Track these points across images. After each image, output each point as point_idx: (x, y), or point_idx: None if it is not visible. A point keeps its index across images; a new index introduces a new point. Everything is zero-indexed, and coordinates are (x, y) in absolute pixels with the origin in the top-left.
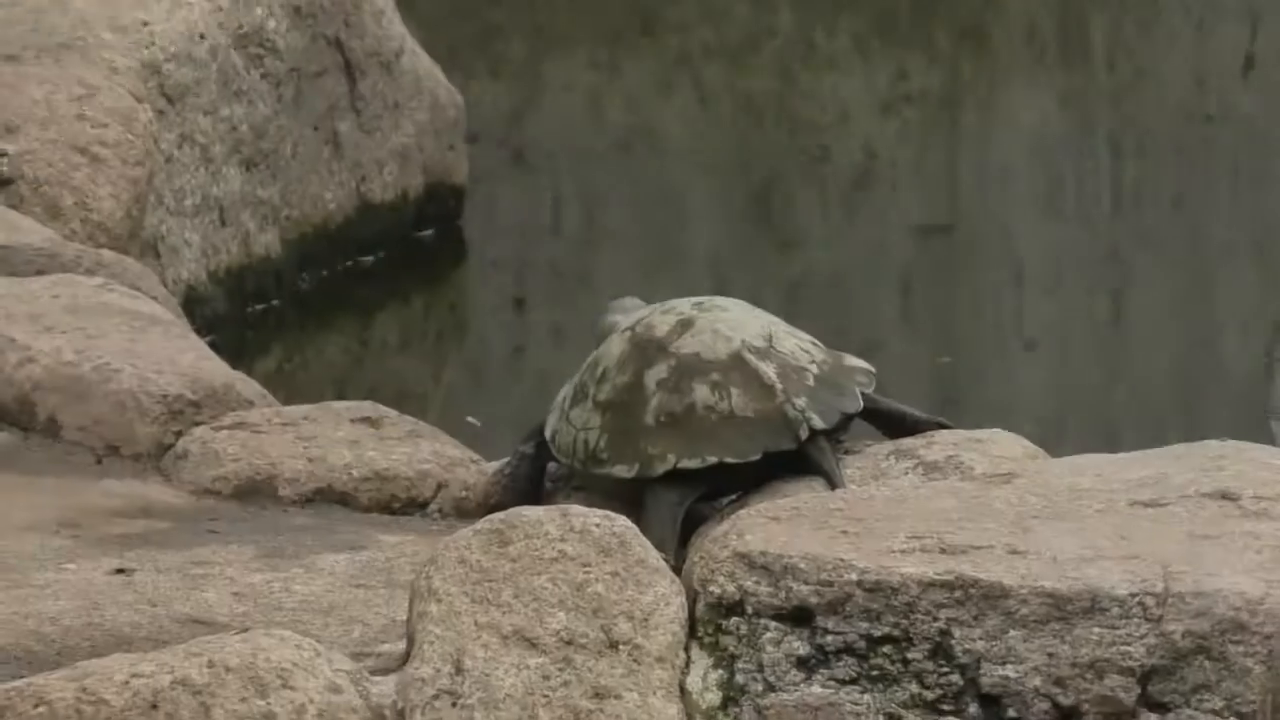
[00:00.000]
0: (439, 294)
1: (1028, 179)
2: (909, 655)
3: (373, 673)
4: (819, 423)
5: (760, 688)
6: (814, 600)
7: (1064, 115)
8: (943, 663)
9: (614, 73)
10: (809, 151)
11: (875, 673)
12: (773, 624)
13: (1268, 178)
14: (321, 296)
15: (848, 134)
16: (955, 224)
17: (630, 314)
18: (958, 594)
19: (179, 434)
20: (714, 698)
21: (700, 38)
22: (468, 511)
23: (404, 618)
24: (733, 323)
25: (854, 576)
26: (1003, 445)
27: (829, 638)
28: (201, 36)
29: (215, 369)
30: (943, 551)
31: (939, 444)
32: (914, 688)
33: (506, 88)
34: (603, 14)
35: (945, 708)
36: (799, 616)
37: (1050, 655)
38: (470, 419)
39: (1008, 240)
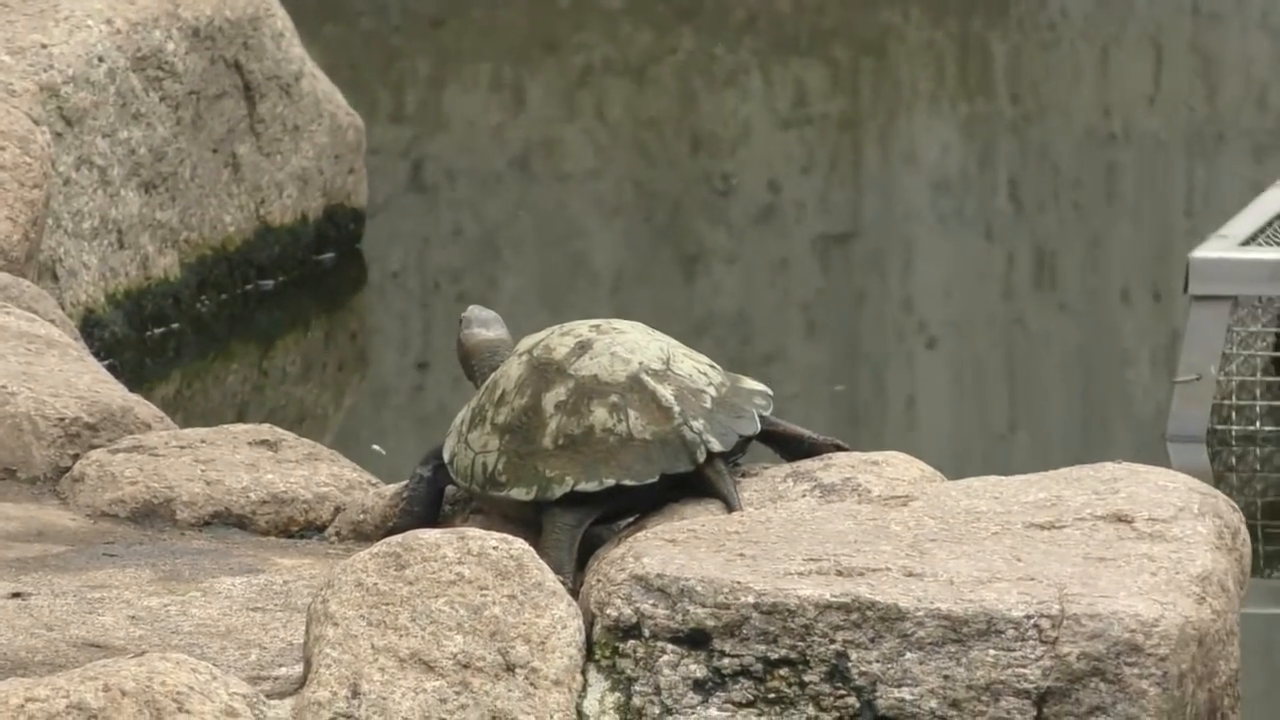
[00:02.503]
0: (339, 317)
1: (929, 192)
2: (806, 678)
3: (270, 696)
4: (716, 445)
5: (657, 711)
6: (711, 623)
7: (964, 127)
8: (839, 685)
9: (515, 91)
10: (712, 180)
11: (772, 695)
12: (670, 647)
13: (1169, 198)
14: (221, 320)
15: (748, 152)
16: (855, 235)
17: (491, 325)
18: (854, 616)
19: (75, 457)
20: None
21: (602, 54)
22: (366, 534)
23: (301, 641)
24: (630, 345)
25: (751, 599)
26: (899, 467)
27: (726, 660)
28: (100, 59)
29: (113, 392)
30: (839, 574)
31: (836, 466)
32: (811, 710)
33: (408, 111)
34: (505, 38)
35: None
36: (696, 639)
37: (946, 677)
38: (376, 448)
39: (908, 257)
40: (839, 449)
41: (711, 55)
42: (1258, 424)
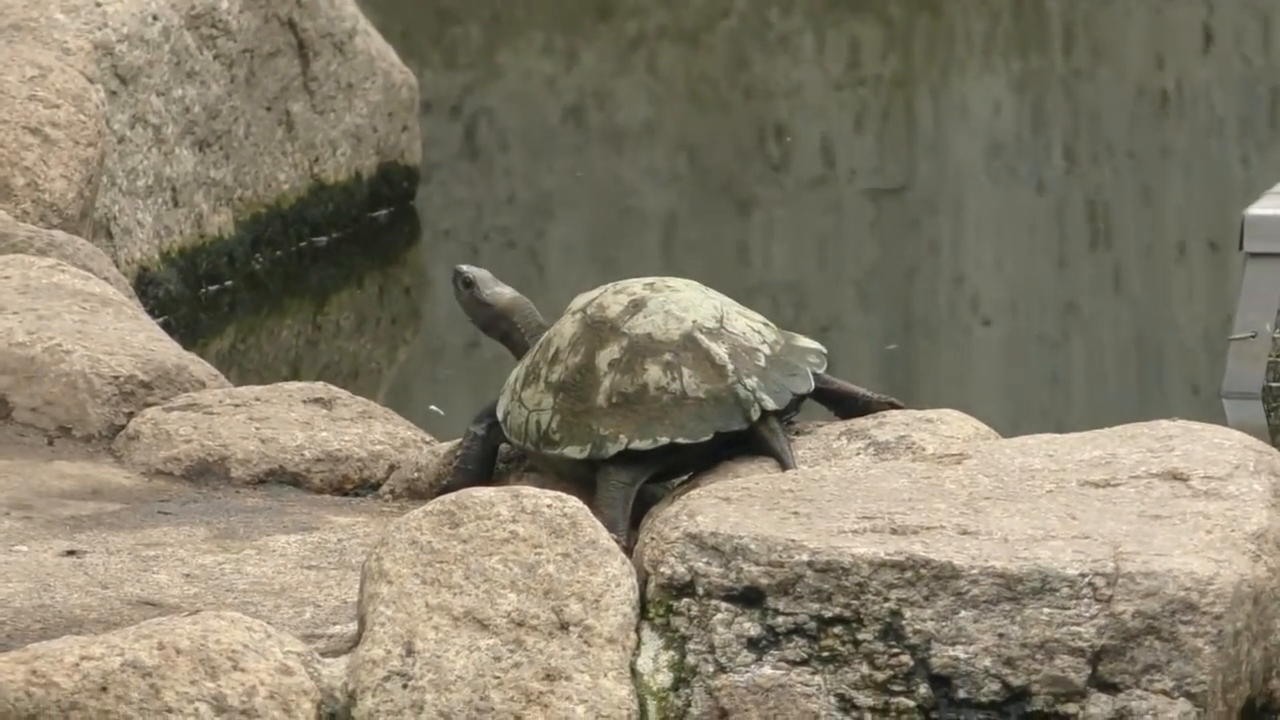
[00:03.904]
0: (393, 274)
1: (983, 147)
2: (859, 636)
3: (324, 654)
4: (770, 403)
5: (711, 669)
6: (765, 581)
7: (1019, 84)
8: (893, 643)
9: (569, 56)
10: (766, 141)
11: (826, 654)
12: (724, 605)
13: (1223, 155)
14: (275, 277)
15: (803, 111)
16: (909, 194)
17: (500, 282)
18: (908, 574)
19: (131, 415)
20: (665, 679)
21: (656, 20)
22: (420, 493)
23: (355, 599)
24: (684, 303)
25: (805, 557)
26: (953, 425)
27: (780, 619)
28: (154, 17)
29: (167, 350)
30: (894, 532)
31: (890, 424)
32: (864, 669)
33: (461, 70)
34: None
35: (896, 688)
36: (750, 597)
37: (1000, 636)
38: (434, 408)
39: (962, 215)
40: (893, 407)
41: (765, 20)
42: None
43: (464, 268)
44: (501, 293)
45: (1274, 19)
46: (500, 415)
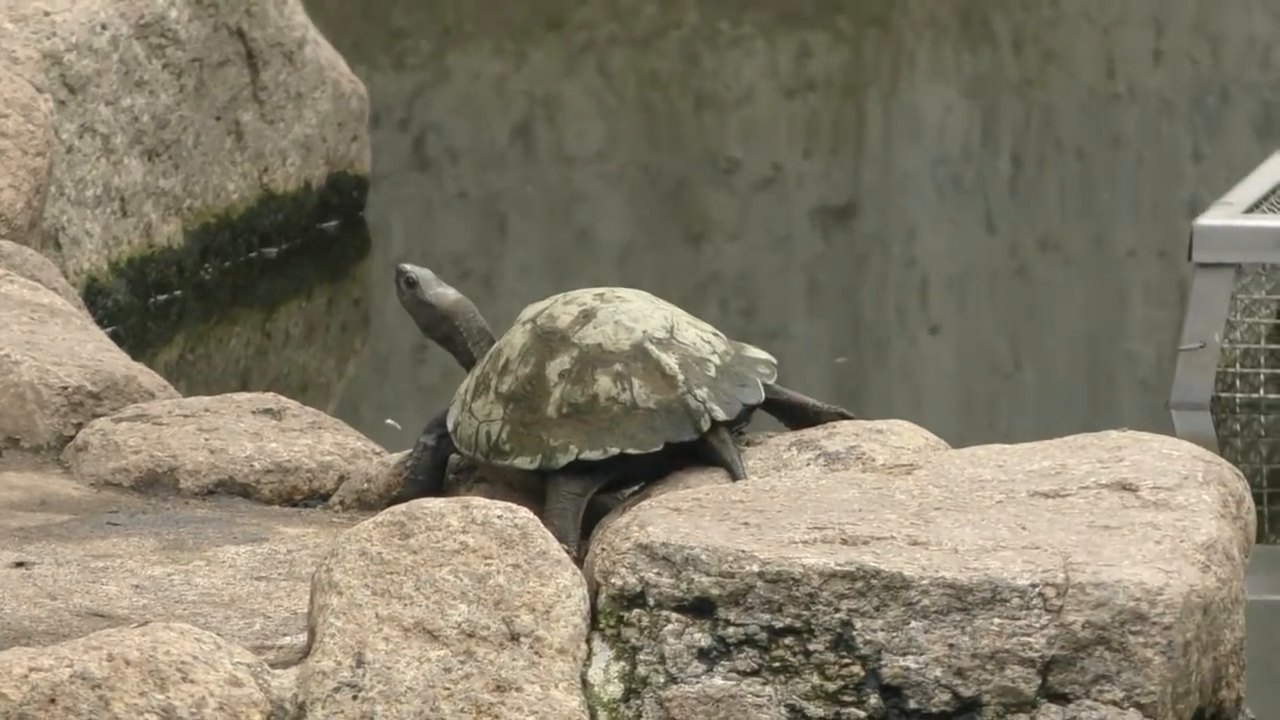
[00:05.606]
0: (342, 285)
1: (930, 163)
2: (810, 647)
3: (274, 666)
4: (720, 414)
5: (662, 680)
6: (715, 592)
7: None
8: (844, 654)
9: (519, 66)
10: (716, 154)
11: (777, 664)
12: (674, 616)
13: (1173, 165)
14: (224, 288)
15: (752, 124)
16: (857, 209)
17: (443, 282)
18: (859, 585)
19: (79, 426)
20: (616, 690)
21: (607, 31)
22: (370, 504)
23: (305, 610)
24: (634, 313)
25: (755, 568)
26: (904, 436)
27: (730, 629)
28: (103, 27)
29: (116, 360)
30: (844, 542)
31: (840, 435)
32: (815, 679)
33: (411, 82)
34: (508, 13)
35: (846, 699)
36: (701, 608)
37: (951, 646)
38: (390, 422)
39: (911, 223)
40: (844, 417)
41: (715, 28)
42: (1261, 391)
43: (407, 267)
44: (445, 294)
45: (1220, 23)
46: (450, 426)
